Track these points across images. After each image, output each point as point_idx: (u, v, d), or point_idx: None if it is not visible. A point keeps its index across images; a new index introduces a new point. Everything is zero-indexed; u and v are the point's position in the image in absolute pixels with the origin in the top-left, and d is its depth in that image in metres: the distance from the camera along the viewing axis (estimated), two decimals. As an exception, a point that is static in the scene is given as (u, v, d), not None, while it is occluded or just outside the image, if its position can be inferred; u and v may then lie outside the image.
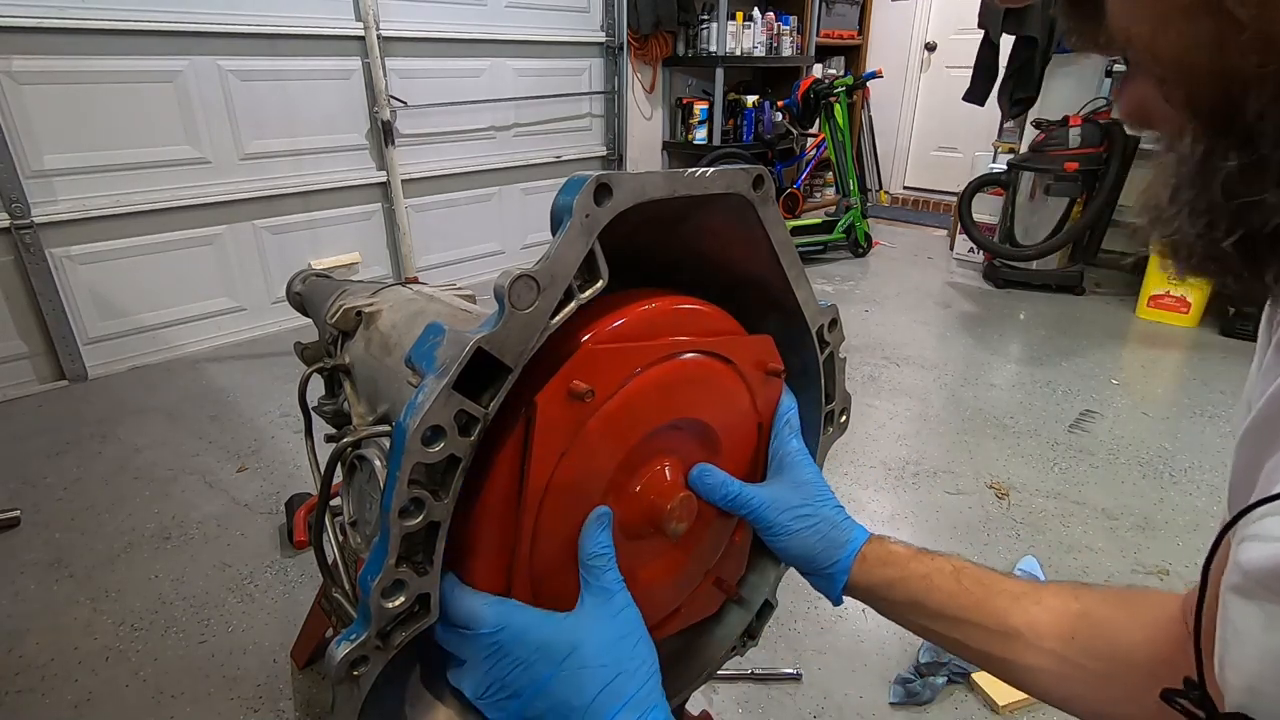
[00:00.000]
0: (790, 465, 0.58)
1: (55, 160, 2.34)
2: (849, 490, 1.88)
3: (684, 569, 0.60)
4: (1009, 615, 0.51)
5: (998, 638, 0.51)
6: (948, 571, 0.54)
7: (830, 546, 0.55)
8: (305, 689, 1.27)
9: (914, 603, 0.54)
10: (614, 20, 3.81)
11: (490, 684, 0.44)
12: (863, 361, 2.68)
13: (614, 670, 0.43)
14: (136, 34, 2.40)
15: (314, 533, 0.58)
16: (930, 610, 0.53)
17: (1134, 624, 0.48)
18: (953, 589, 0.53)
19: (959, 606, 0.52)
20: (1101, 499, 1.83)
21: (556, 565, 0.48)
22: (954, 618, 0.53)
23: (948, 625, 0.53)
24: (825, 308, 0.60)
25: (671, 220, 0.51)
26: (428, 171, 3.28)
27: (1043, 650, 0.50)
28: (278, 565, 1.58)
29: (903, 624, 0.56)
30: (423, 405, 0.39)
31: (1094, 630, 0.49)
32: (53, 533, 1.69)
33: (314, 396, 0.76)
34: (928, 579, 0.54)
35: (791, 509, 0.56)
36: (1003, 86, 3.35)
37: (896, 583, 0.54)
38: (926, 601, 0.53)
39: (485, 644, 0.44)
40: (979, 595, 0.52)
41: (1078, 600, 0.51)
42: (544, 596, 0.48)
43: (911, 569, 0.54)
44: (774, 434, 0.60)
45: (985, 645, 0.52)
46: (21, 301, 2.38)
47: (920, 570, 0.54)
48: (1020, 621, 0.51)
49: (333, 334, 0.73)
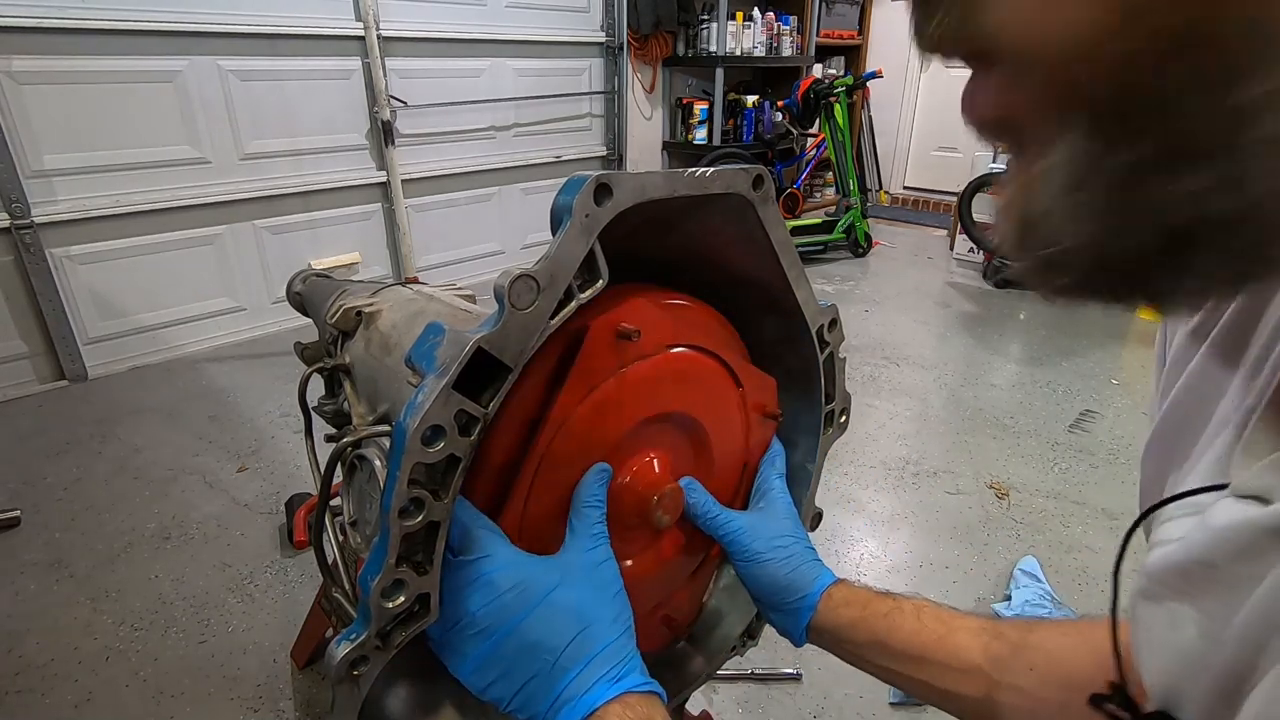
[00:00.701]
0: (771, 500, 0.60)
1: (55, 160, 2.34)
2: (849, 490, 1.88)
3: (653, 577, 0.60)
4: (970, 651, 0.51)
5: (959, 675, 0.51)
6: (909, 610, 0.54)
7: (799, 581, 0.56)
8: (305, 689, 1.27)
9: (876, 642, 0.53)
10: (614, 20, 3.81)
11: (462, 617, 0.43)
12: (863, 361, 2.68)
13: (590, 618, 0.43)
14: (136, 34, 2.40)
15: (314, 533, 0.58)
16: (893, 650, 0.53)
17: (1084, 649, 0.48)
18: (914, 627, 0.53)
19: (921, 644, 0.52)
20: (1101, 499, 1.83)
21: (547, 515, 0.49)
22: (917, 657, 0.52)
23: (911, 665, 0.53)
24: (825, 308, 0.60)
25: (672, 220, 0.51)
26: (428, 171, 3.28)
27: (1003, 685, 0.49)
28: (278, 565, 1.58)
29: (868, 668, 0.56)
30: (423, 405, 0.39)
31: (1050, 660, 0.49)
32: (53, 533, 1.69)
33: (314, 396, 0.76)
34: (889, 618, 0.54)
35: (767, 539, 0.57)
36: (1002, 86, 3.35)
37: (859, 622, 0.54)
38: (889, 640, 0.53)
39: (469, 571, 0.43)
40: (940, 632, 0.52)
41: (1033, 633, 0.51)
42: (526, 541, 0.49)
43: (873, 608, 0.54)
44: (760, 470, 0.62)
45: (946, 683, 0.52)
46: (21, 301, 2.38)
47: (882, 609, 0.54)
48: (981, 658, 0.51)
49: (333, 334, 0.73)
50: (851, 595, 0.56)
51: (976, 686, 0.50)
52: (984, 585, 1.53)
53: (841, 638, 0.55)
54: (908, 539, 1.68)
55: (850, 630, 0.54)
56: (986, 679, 0.50)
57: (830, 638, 0.56)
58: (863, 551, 1.64)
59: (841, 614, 0.55)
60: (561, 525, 0.49)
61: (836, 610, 0.55)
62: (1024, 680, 0.49)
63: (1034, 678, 0.49)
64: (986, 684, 0.50)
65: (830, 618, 0.55)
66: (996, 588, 1.52)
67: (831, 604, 0.55)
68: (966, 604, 1.47)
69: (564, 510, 0.50)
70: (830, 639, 0.56)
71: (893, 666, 0.54)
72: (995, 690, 0.50)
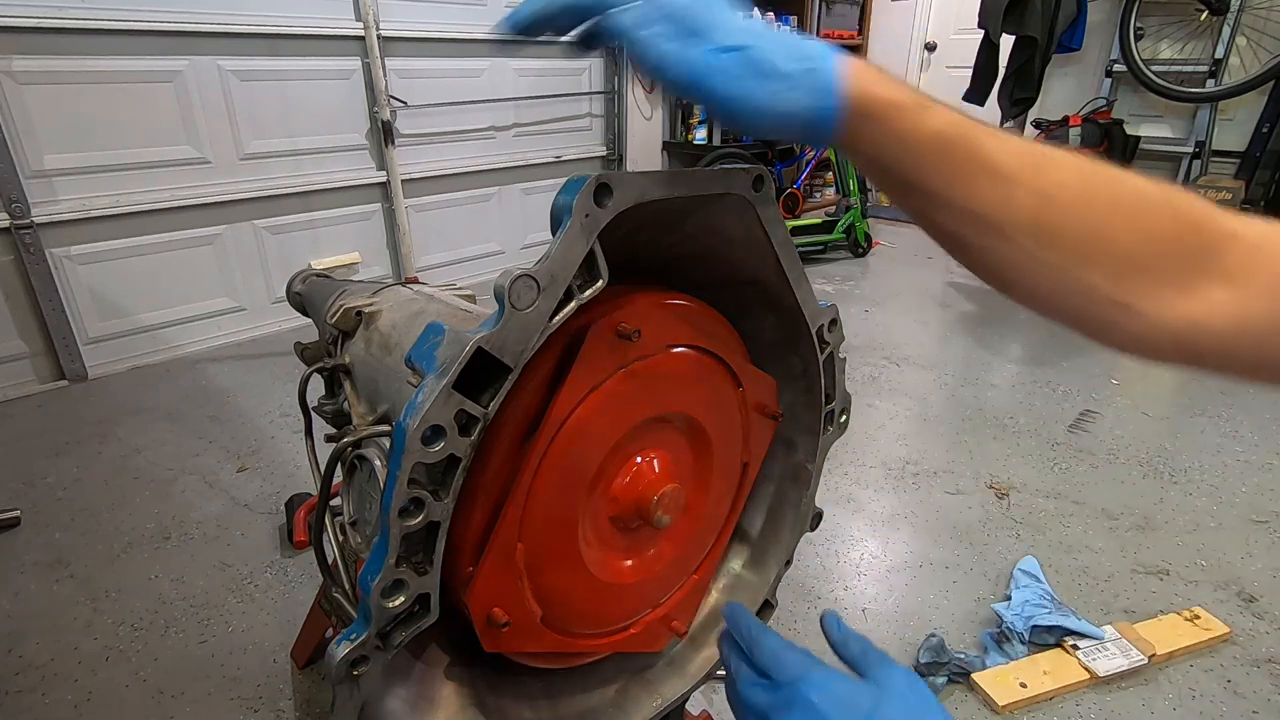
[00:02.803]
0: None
1: (55, 160, 2.34)
2: (849, 490, 1.88)
3: (654, 577, 0.60)
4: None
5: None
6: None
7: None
8: (305, 689, 1.27)
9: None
10: (614, 20, 3.81)
11: None
12: (863, 361, 2.68)
13: None
14: (136, 34, 2.39)
15: (314, 533, 0.58)
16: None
17: None
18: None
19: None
20: (1101, 499, 1.83)
21: (548, 515, 0.49)
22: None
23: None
24: (825, 308, 0.60)
25: (671, 220, 0.51)
26: (428, 171, 3.28)
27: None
28: (278, 565, 1.58)
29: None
30: (423, 405, 0.39)
31: None
32: (53, 533, 1.69)
33: (314, 396, 0.76)
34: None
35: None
36: (1003, 86, 3.35)
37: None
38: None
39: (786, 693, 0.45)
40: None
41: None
42: (528, 541, 0.49)
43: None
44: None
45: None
46: (21, 301, 2.38)
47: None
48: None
49: (333, 334, 0.73)
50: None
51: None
52: (984, 585, 1.53)
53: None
54: (908, 539, 1.68)
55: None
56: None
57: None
58: (863, 551, 1.64)
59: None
60: (562, 525, 0.49)
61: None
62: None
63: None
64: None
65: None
66: (996, 588, 1.52)
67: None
68: (966, 604, 1.47)
69: (565, 510, 0.50)
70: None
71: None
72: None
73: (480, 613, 0.49)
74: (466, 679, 0.57)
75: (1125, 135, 3.18)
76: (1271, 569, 1.58)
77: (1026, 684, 1.24)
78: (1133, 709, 1.23)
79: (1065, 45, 3.25)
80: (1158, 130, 3.44)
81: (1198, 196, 0.41)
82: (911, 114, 0.42)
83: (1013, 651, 1.33)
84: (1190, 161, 3.33)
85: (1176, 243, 0.40)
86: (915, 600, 1.49)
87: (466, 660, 0.57)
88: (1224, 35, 3.12)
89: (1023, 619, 1.36)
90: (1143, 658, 1.29)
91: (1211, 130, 3.24)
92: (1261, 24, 3.04)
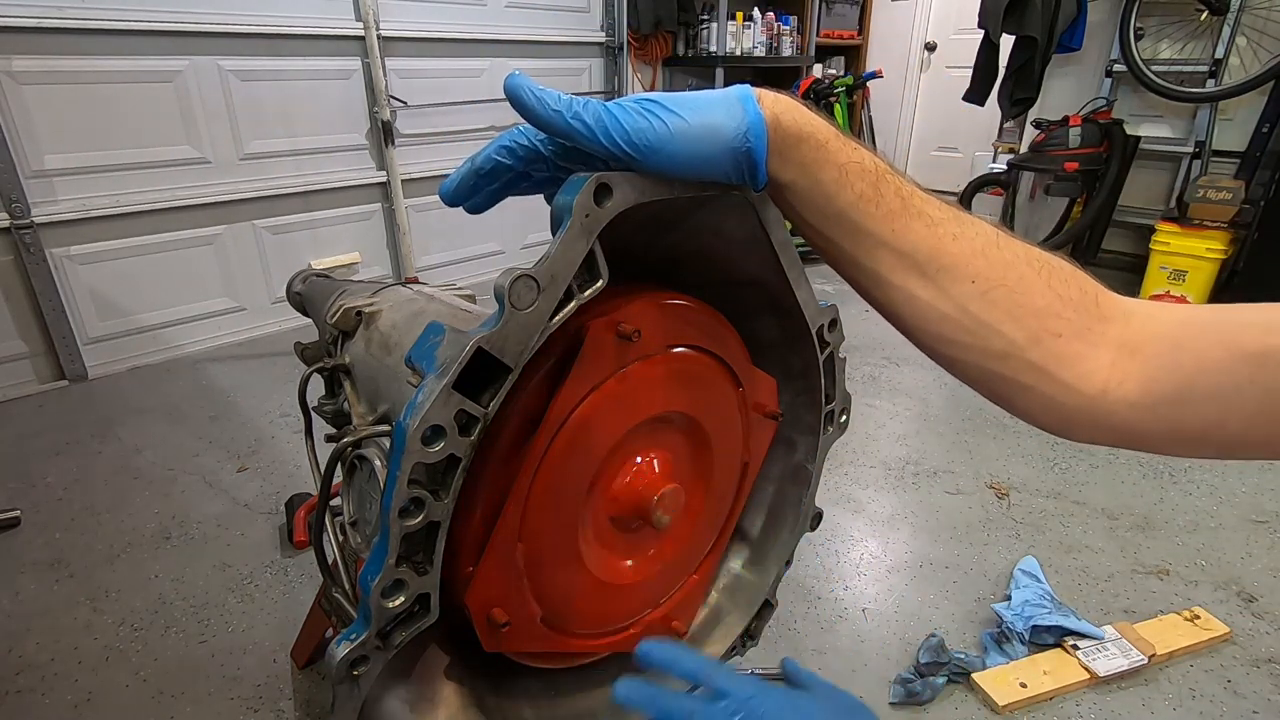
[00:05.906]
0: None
1: (55, 160, 2.34)
2: (849, 490, 1.88)
3: (654, 577, 0.60)
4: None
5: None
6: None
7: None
8: (305, 689, 1.27)
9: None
10: (614, 20, 3.81)
11: None
12: (863, 361, 2.68)
13: None
14: (136, 34, 2.39)
15: (314, 533, 0.58)
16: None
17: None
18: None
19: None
20: (1101, 499, 1.83)
21: (548, 514, 0.49)
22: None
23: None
24: (825, 308, 0.61)
25: (672, 220, 0.51)
26: (428, 171, 3.28)
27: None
28: (278, 565, 1.58)
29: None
30: (423, 405, 0.39)
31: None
32: (53, 533, 1.69)
33: (314, 396, 0.76)
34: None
35: None
36: (1003, 86, 3.35)
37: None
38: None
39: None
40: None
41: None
42: (527, 541, 0.49)
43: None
44: None
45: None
46: (21, 301, 2.38)
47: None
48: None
49: (333, 334, 0.73)
50: None
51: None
52: (984, 585, 1.53)
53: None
54: (908, 539, 1.68)
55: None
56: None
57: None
58: (863, 551, 1.64)
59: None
60: (562, 525, 0.49)
61: None
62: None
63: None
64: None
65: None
66: (996, 588, 1.52)
67: None
68: (967, 604, 1.47)
69: (565, 510, 0.50)
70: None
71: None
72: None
73: (480, 613, 0.49)
74: (466, 678, 0.57)
75: (1125, 135, 3.18)
76: (1271, 569, 1.58)
77: (1026, 684, 1.24)
78: (1133, 709, 1.23)
79: (1065, 45, 3.25)
80: (1158, 130, 3.44)
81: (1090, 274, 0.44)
82: (838, 142, 0.43)
83: (1013, 651, 1.33)
84: (1190, 161, 3.33)
85: (1083, 311, 0.42)
86: (915, 600, 1.49)
87: (466, 660, 0.57)
88: (1224, 35, 3.12)
89: (1023, 619, 1.36)
90: (1143, 658, 1.29)
91: (1211, 130, 3.24)
92: (1261, 24, 3.04)
